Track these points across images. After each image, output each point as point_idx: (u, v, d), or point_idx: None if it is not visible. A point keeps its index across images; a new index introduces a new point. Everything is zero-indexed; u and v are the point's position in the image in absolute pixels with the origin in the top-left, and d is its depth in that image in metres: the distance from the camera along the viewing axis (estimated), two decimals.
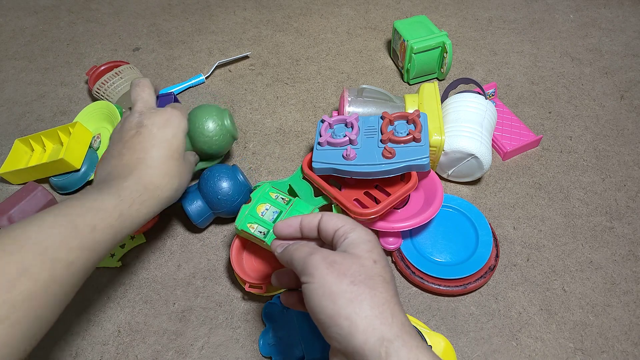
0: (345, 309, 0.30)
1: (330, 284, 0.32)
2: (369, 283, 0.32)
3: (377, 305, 0.31)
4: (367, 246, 0.34)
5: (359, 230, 0.36)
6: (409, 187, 0.56)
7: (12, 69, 0.97)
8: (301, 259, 0.34)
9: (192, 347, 0.56)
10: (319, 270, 0.32)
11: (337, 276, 0.32)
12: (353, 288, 0.31)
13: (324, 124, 0.64)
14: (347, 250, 0.34)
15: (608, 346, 0.54)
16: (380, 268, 0.33)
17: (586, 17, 0.99)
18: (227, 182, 0.61)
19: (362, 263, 0.33)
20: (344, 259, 0.33)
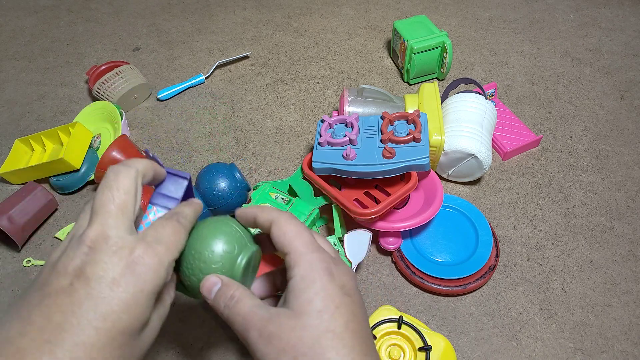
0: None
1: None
2: (312, 353, 0.27)
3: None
4: (310, 292, 0.29)
5: (302, 265, 0.30)
6: (409, 187, 0.56)
7: (12, 69, 0.97)
8: (239, 331, 0.30)
9: (192, 347, 0.56)
10: (257, 349, 0.29)
11: (277, 354, 0.28)
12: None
13: (324, 124, 0.64)
14: (290, 300, 0.30)
15: (608, 346, 0.54)
16: (327, 320, 0.28)
17: (586, 17, 0.99)
18: (223, 179, 0.61)
19: (304, 323, 0.28)
20: (282, 326, 0.28)
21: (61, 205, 0.72)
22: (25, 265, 0.64)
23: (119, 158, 0.68)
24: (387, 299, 0.58)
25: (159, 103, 0.87)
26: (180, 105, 0.86)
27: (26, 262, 0.65)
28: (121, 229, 0.29)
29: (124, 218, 0.29)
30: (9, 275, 0.64)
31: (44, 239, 0.68)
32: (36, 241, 0.67)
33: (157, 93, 0.87)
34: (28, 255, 0.66)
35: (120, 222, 0.29)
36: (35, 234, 0.68)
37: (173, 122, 0.83)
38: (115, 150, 0.68)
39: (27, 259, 0.65)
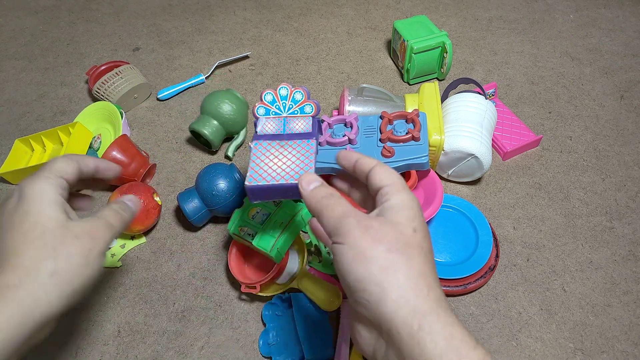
0: (377, 276, 0.28)
1: (364, 249, 0.29)
2: (406, 252, 0.29)
3: (413, 276, 0.29)
4: (409, 213, 0.32)
5: (403, 193, 0.33)
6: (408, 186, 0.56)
7: (12, 69, 0.97)
8: (333, 219, 0.32)
9: (192, 347, 0.56)
10: (352, 233, 0.30)
11: (372, 242, 0.29)
12: (388, 256, 0.29)
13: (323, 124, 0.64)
14: (386, 214, 0.32)
15: (608, 346, 0.54)
16: (419, 238, 0.31)
17: (586, 17, 0.99)
18: (223, 180, 0.61)
19: (401, 230, 0.30)
20: (381, 225, 0.31)
21: None
22: None
23: (119, 158, 0.68)
24: None
25: (159, 103, 0.87)
26: (180, 105, 0.86)
27: None
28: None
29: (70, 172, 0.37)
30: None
31: None
32: None
33: (157, 93, 0.87)
34: None
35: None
36: None
37: (173, 122, 0.83)
38: (115, 150, 0.68)
39: None
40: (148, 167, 0.71)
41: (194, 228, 0.67)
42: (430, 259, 0.31)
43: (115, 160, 0.68)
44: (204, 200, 0.62)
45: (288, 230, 0.54)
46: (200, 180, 0.62)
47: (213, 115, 0.72)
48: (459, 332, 0.27)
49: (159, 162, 0.76)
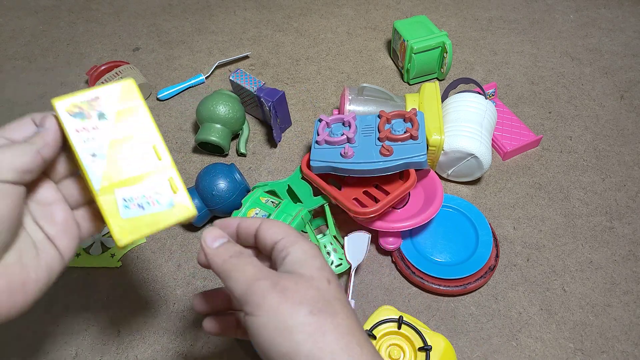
0: (304, 345, 0.26)
1: (285, 317, 0.26)
2: (329, 310, 0.27)
3: (342, 335, 0.27)
4: (317, 263, 0.30)
5: (302, 243, 0.31)
6: (407, 185, 0.56)
7: (12, 69, 0.97)
8: (243, 282, 0.28)
9: (192, 347, 0.56)
10: (268, 299, 0.27)
11: (291, 306, 0.27)
12: (312, 319, 0.26)
13: (321, 123, 0.64)
14: (294, 270, 0.29)
15: (608, 346, 0.54)
16: (334, 289, 0.29)
17: (586, 17, 0.99)
18: (223, 180, 0.61)
19: (316, 286, 0.28)
20: (297, 284, 0.28)
21: None
22: None
23: None
24: (387, 299, 0.58)
25: (159, 103, 0.87)
26: (180, 105, 0.86)
27: None
28: None
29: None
30: None
31: None
32: None
33: (157, 93, 0.87)
34: None
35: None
36: None
37: (173, 122, 0.83)
38: None
39: None
40: None
41: (194, 228, 0.67)
42: (352, 310, 0.29)
43: None
44: (204, 200, 0.62)
45: None
46: (200, 180, 0.62)
47: (213, 120, 0.71)
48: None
49: None
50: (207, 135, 0.70)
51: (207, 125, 0.72)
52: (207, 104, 0.71)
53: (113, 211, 0.32)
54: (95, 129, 0.33)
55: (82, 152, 0.32)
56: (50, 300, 0.61)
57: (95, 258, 0.64)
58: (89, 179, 0.32)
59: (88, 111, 0.33)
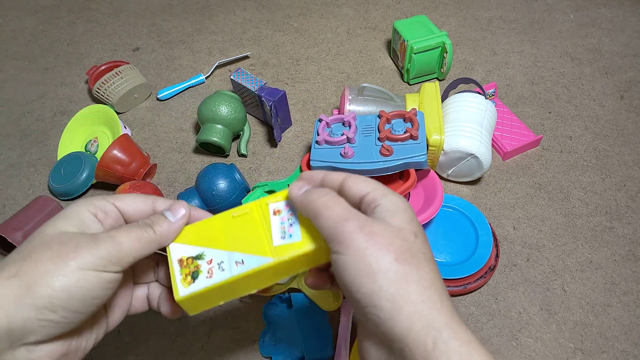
0: (388, 290, 0.26)
1: (370, 260, 0.27)
2: (414, 262, 0.27)
3: (425, 288, 0.26)
4: (406, 216, 0.29)
5: (392, 196, 0.30)
6: (407, 185, 0.56)
7: (12, 69, 0.97)
8: (332, 220, 0.29)
9: (193, 347, 0.56)
10: (355, 241, 0.27)
11: (378, 250, 0.27)
12: (398, 267, 0.26)
13: (321, 123, 0.64)
14: (384, 218, 0.29)
15: (608, 346, 0.54)
16: (420, 243, 0.29)
17: (586, 17, 0.99)
18: (223, 180, 0.62)
19: (405, 237, 0.28)
20: (385, 230, 0.28)
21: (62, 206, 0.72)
22: None
23: (120, 157, 0.68)
24: None
25: (159, 103, 0.87)
26: (180, 105, 0.86)
27: None
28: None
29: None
30: None
31: None
32: None
33: (157, 93, 0.87)
34: None
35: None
36: None
37: (173, 122, 0.83)
38: (116, 149, 0.68)
39: None
40: (148, 166, 0.71)
41: None
42: (435, 266, 0.29)
43: (116, 159, 0.68)
44: (204, 201, 0.62)
45: None
46: (200, 180, 0.62)
47: (215, 121, 0.71)
48: (477, 350, 0.25)
49: (159, 162, 0.76)
50: (208, 136, 0.70)
51: (208, 125, 0.71)
52: (209, 104, 0.71)
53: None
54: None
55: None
56: None
57: None
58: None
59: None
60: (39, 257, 0.27)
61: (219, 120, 0.71)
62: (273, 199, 0.34)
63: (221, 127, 0.71)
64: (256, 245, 0.33)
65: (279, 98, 0.72)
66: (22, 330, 0.26)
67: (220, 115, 0.71)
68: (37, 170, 0.77)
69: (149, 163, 0.72)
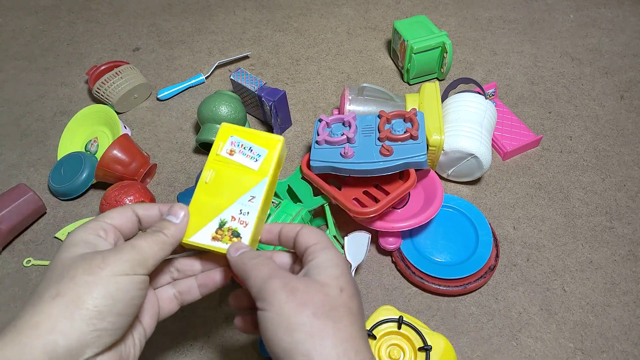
0: (303, 345, 0.27)
1: (289, 315, 0.28)
2: (332, 316, 0.29)
3: (341, 341, 0.28)
4: (335, 271, 0.31)
5: (328, 251, 0.33)
6: (407, 185, 0.56)
7: (12, 69, 0.97)
8: (258, 280, 0.31)
9: (192, 347, 0.56)
10: (277, 297, 0.29)
11: (297, 306, 0.29)
12: (314, 321, 0.28)
13: (321, 123, 0.64)
14: (312, 274, 0.31)
15: (608, 346, 0.54)
16: (346, 297, 0.30)
17: (586, 17, 0.99)
18: None
19: (327, 292, 0.30)
20: (307, 287, 0.30)
21: (62, 206, 0.72)
22: (25, 265, 0.64)
23: (120, 157, 0.68)
24: (387, 299, 0.58)
25: (159, 103, 0.87)
26: (180, 105, 0.86)
27: (26, 262, 0.65)
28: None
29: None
30: (9, 275, 0.64)
31: (44, 238, 0.68)
32: (36, 241, 0.68)
33: (157, 93, 0.87)
34: (28, 255, 0.66)
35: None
36: (35, 234, 0.68)
37: (173, 122, 0.83)
38: (116, 149, 0.68)
39: (28, 258, 0.65)
40: (148, 167, 0.71)
41: None
42: (359, 319, 0.31)
43: (116, 159, 0.68)
44: None
45: None
46: None
47: (215, 121, 0.71)
48: None
49: (159, 162, 0.76)
50: (208, 136, 0.70)
51: (208, 125, 0.72)
52: (209, 104, 0.71)
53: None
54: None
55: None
56: None
57: None
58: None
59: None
60: (72, 275, 0.29)
61: (219, 120, 0.71)
62: (218, 148, 0.39)
63: None
64: (247, 181, 0.38)
65: (278, 98, 0.72)
66: (79, 345, 0.27)
67: (220, 115, 0.71)
68: (37, 170, 0.77)
69: (149, 163, 0.72)
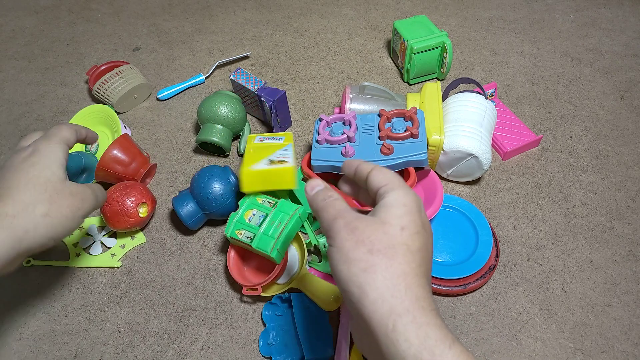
0: (357, 277, 0.30)
1: (348, 250, 0.31)
2: (387, 253, 0.30)
3: (392, 277, 0.30)
4: (399, 211, 0.32)
5: (398, 191, 0.34)
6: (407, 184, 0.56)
7: (12, 69, 0.97)
8: (326, 221, 0.34)
9: (192, 347, 0.56)
10: (340, 235, 0.32)
11: (355, 243, 0.31)
12: (369, 257, 0.30)
13: (321, 123, 0.64)
14: (379, 212, 0.33)
15: (608, 346, 0.54)
16: (406, 236, 0.31)
17: (586, 17, 0.99)
18: (218, 183, 0.61)
19: (386, 230, 0.31)
20: (368, 225, 0.32)
21: None
22: (25, 265, 0.64)
23: (120, 157, 0.68)
24: None
25: (159, 103, 0.87)
26: (180, 105, 0.86)
27: (26, 262, 0.65)
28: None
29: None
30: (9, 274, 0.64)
31: None
32: None
33: (157, 93, 0.87)
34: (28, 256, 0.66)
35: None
36: None
37: (173, 122, 0.83)
38: (116, 149, 0.68)
39: (28, 258, 0.65)
40: (148, 166, 0.71)
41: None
42: (418, 257, 0.31)
43: (116, 159, 0.68)
44: (200, 204, 0.61)
45: (287, 230, 0.54)
46: (195, 184, 0.62)
47: (215, 121, 0.71)
48: (434, 332, 0.28)
49: (159, 162, 0.76)
50: (208, 136, 0.70)
51: (208, 125, 0.71)
52: (209, 104, 0.71)
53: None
54: None
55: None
56: (50, 300, 0.61)
57: (95, 258, 0.64)
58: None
59: None
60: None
61: (219, 120, 0.71)
62: (252, 141, 0.65)
63: (221, 127, 0.71)
64: (278, 146, 0.61)
65: (278, 98, 0.72)
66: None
67: (220, 115, 0.71)
68: None
69: (149, 163, 0.72)
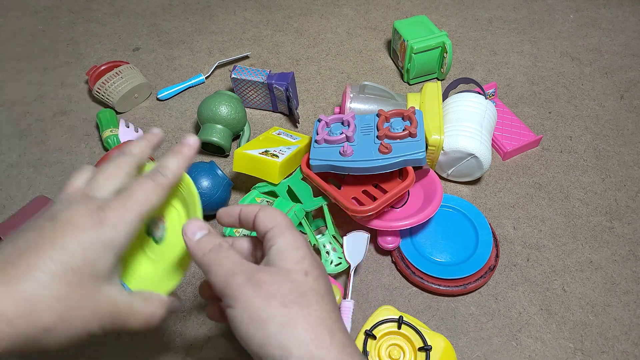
0: (276, 337, 0.27)
1: (258, 308, 0.28)
2: (301, 302, 0.28)
3: (312, 327, 0.28)
4: (296, 255, 0.30)
5: (287, 235, 0.31)
6: (406, 184, 0.56)
7: (12, 69, 0.97)
8: (221, 277, 0.29)
9: (192, 347, 0.56)
10: (243, 294, 0.28)
11: (265, 299, 0.28)
12: (284, 311, 0.28)
13: (320, 123, 0.64)
14: (274, 262, 0.30)
15: (608, 346, 0.54)
16: (312, 281, 0.30)
17: (586, 17, 0.99)
18: (205, 178, 0.63)
19: (292, 278, 0.29)
20: (272, 276, 0.29)
21: None
22: None
23: None
24: (387, 299, 0.58)
25: (159, 103, 0.87)
26: (180, 105, 0.86)
27: None
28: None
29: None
30: None
31: None
32: None
33: (157, 93, 0.87)
34: None
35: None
36: None
37: (173, 122, 0.83)
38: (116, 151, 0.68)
39: None
40: None
41: None
42: (329, 300, 0.30)
43: None
44: None
45: None
46: None
47: (215, 121, 0.71)
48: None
49: None
50: (208, 136, 0.70)
51: (208, 125, 0.72)
52: (209, 104, 0.71)
53: None
54: None
55: None
56: None
57: None
58: None
59: None
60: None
61: (219, 120, 0.71)
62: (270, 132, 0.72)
63: (221, 127, 0.71)
64: (286, 142, 0.67)
65: (291, 79, 0.74)
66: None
67: (220, 115, 0.71)
68: (37, 170, 0.77)
69: None
